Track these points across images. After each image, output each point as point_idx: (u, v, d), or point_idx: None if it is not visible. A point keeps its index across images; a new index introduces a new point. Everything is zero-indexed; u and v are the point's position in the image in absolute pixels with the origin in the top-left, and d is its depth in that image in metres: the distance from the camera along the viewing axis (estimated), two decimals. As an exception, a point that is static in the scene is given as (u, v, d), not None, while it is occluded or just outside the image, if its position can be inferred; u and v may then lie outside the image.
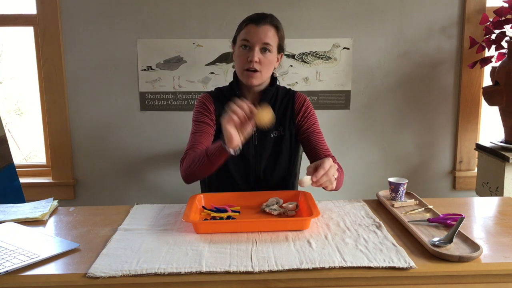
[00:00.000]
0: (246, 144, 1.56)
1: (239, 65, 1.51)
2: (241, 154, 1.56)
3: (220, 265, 0.97)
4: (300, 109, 1.60)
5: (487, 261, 1.00)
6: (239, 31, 1.51)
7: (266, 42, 1.46)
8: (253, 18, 1.49)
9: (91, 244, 1.12)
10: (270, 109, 1.27)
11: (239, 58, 1.50)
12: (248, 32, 1.47)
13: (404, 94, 2.43)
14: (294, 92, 1.64)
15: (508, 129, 2.13)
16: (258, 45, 1.46)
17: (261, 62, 1.47)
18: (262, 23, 1.46)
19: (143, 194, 2.46)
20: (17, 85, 3.18)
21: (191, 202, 1.31)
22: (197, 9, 2.31)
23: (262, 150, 1.57)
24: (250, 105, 1.26)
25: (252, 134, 1.56)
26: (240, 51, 1.49)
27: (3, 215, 1.32)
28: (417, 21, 2.36)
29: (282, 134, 1.59)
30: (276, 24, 1.51)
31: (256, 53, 1.46)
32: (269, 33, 1.47)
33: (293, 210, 1.30)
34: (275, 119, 1.28)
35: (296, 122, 1.60)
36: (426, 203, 1.35)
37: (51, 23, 2.27)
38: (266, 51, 1.47)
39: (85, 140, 2.41)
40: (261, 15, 1.49)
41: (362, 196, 1.59)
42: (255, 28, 1.46)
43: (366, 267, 0.97)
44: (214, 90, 1.66)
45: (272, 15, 1.52)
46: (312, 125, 1.60)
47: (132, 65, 2.35)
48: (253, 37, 1.46)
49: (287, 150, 1.59)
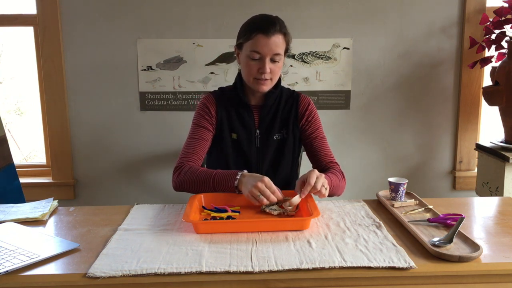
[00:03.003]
0: (248, 146, 1.56)
1: (249, 73, 1.48)
2: (243, 154, 1.56)
3: (220, 265, 0.97)
4: (304, 113, 1.58)
5: (487, 261, 1.00)
6: (247, 39, 1.44)
7: (277, 53, 1.43)
8: (262, 27, 1.42)
9: (91, 244, 1.12)
10: (298, 201, 1.30)
11: (248, 67, 1.47)
12: (258, 43, 1.41)
13: (404, 94, 2.43)
14: (298, 95, 1.62)
15: (508, 129, 2.13)
16: (268, 56, 1.43)
17: (272, 71, 1.46)
18: (272, 32, 1.41)
19: (143, 194, 2.46)
20: (17, 85, 3.19)
21: (191, 202, 1.30)
22: (197, 9, 2.31)
23: (265, 153, 1.57)
24: (279, 196, 1.29)
25: (255, 135, 1.56)
26: (250, 60, 1.45)
27: (3, 215, 1.32)
28: (417, 21, 2.36)
29: (285, 137, 1.57)
30: (284, 30, 1.46)
31: (268, 65, 1.44)
32: (279, 42, 1.43)
33: (293, 210, 1.30)
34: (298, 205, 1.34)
35: (300, 126, 1.59)
36: (426, 203, 1.35)
37: (51, 23, 2.27)
38: (276, 60, 1.45)
39: (85, 140, 2.41)
40: (269, 22, 1.43)
41: (362, 196, 1.59)
42: (265, 40, 1.41)
43: (366, 267, 0.97)
44: (218, 90, 1.63)
45: (278, 19, 1.47)
46: (316, 130, 1.58)
47: (132, 65, 2.35)
48: (263, 49, 1.42)
49: (289, 152, 1.59)
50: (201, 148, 1.51)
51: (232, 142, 1.56)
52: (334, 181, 1.44)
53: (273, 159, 1.58)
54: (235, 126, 1.55)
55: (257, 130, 1.56)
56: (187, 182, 1.41)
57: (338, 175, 1.49)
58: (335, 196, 1.49)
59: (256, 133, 1.56)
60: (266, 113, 1.56)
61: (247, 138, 1.56)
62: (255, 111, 1.57)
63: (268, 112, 1.57)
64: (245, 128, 1.56)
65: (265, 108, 1.56)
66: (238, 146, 1.56)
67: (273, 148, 1.57)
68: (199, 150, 1.50)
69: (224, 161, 1.57)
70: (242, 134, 1.55)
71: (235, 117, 1.56)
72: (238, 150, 1.56)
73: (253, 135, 1.56)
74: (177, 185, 1.44)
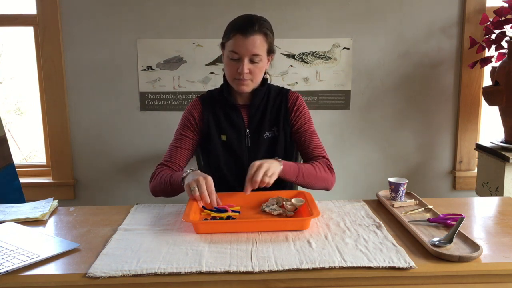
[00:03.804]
0: (239, 146, 1.56)
1: (229, 74, 1.49)
2: (234, 155, 1.56)
3: (220, 265, 0.97)
4: (293, 108, 1.57)
5: (487, 261, 1.00)
6: (227, 39, 1.46)
7: (255, 54, 1.43)
8: (240, 27, 1.42)
9: (91, 244, 1.12)
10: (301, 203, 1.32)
11: (228, 67, 1.48)
12: (236, 43, 1.42)
13: (404, 94, 2.43)
14: (287, 91, 1.62)
15: (508, 129, 2.13)
16: (247, 57, 1.43)
17: (251, 72, 1.46)
18: (250, 32, 1.40)
19: (143, 194, 2.46)
20: (17, 85, 3.19)
21: (191, 202, 1.30)
22: (197, 9, 2.31)
23: (256, 152, 1.56)
24: (213, 200, 1.28)
25: (245, 135, 1.56)
26: (230, 61, 1.46)
27: (3, 215, 1.32)
28: (417, 21, 2.36)
29: (276, 135, 1.57)
30: (264, 30, 1.44)
31: (246, 65, 1.43)
32: (257, 43, 1.42)
33: (292, 210, 1.30)
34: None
35: (289, 121, 1.58)
36: (426, 203, 1.35)
37: (51, 23, 2.27)
38: (256, 61, 1.45)
39: (85, 140, 2.41)
40: (248, 22, 1.43)
41: (362, 196, 1.59)
42: (242, 40, 1.41)
43: (366, 267, 0.97)
44: (207, 92, 1.64)
45: (259, 19, 1.45)
46: (304, 124, 1.57)
47: (132, 65, 2.35)
48: (241, 49, 1.42)
49: (281, 150, 1.58)
50: (179, 157, 1.54)
51: (221, 144, 1.56)
52: (305, 170, 1.42)
53: (264, 157, 1.57)
54: (224, 128, 1.56)
55: (247, 129, 1.56)
56: (156, 187, 1.48)
57: (320, 166, 1.47)
58: (334, 192, 1.48)
59: (246, 132, 1.56)
60: (255, 111, 1.56)
61: (237, 138, 1.56)
62: (243, 111, 1.57)
63: (256, 110, 1.56)
64: (234, 129, 1.56)
65: (253, 107, 1.56)
66: (229, 147, 1.56)
67: (264, 146, 1.56)
68: (177, 159, 1.54)
69: (215, 163, 1.58)
70: (232, 134, 1.56)
71: (224, 119, 1.56)
72: (229, 151, 1.56)
73: (243, 134, 1.56)
74: (151, 191, 1.52)
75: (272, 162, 1.34)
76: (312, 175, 1.44)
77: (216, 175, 1.48)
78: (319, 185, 1.48)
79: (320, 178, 1.46)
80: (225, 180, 1.56)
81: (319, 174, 1.46)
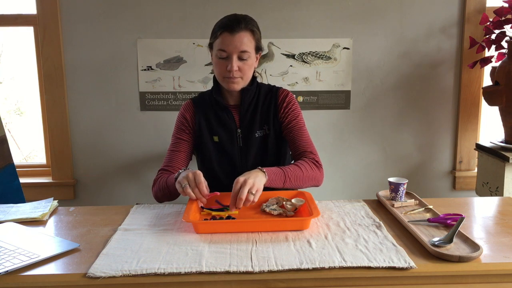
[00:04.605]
0: (231, 147, 1.56)
1: (219, 73, 1.50)
2: (226, 155, 1.56)
3: (220, 265, 0.97)
4: (282, 105, 1.57)
5: (487, 261, 1.00)
6: (215, 38, 1.48)
7: (243, 50, 1.44)
8: (227, 25, 1.44)
9: (91, 244, 1.12)
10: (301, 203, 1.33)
11: (218, 66, 1.49)
12: (223, 41, 1.44)
13: (404, 94, 2.43)
14: (278, 88, 1.62)
15: (508, 129, 2.13)
16: (235, 54, 1.44)
17: (240, 69, 1.47)
18: (236, 30, 1.42)
19: (143, 194, 2.46)
20: (17, 85, 3.19)
21: (191, 202, 1.30)
22: (197, 9, 2.31)
23: (247, 151, 1.56)
24: (203, 190, 1.29)
25: (237, 135, 1.56)
26: (218, 60, 1.47)
27: (3, 215, 1.32)
28: (417, 21, 2.36)
29: (268, 133, 1.57)
30: (251, 28, 1.46)
31: (235, 63, 1.44)
32: (245, 40, 1.44)
33: (291, 210, 1.30)
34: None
35: (279, 118, 1.58)
36: (426, 203, 1.35)
37: (51, 23, 2.27)
38: (244, 58, 1.46)
39: (85, 140, 2.41)
40: (235, 20, 1.45)
41: (362, 196, 1.60)
42: (230, 37, 1.43)
43: (366, 267, 0.97)
44: (198, 95, 1.66)
45: (245, 17, 1.48)
46: (294, 120, 1.56)
47: (132, 65, 2.35)
48: (229, 46, 1.43)
49: (273, 148, 1.57)
50: (178, 160, 1.55)
51: (214, 145, 1.57)
52: (292, 173, 1.40)
53: (257, 157, 1.57)
54: (216, 129, 1.56)
55: (239, 129, 1.56)
56: (158, 192, 1.49)
57: (306, 165, 1.45)
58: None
59: (237, 132, 1.56)
60: (245, 111, 1.56)
61: (229, 139, 1.56)
62: (234, 111, 1.57)
63: (247, 110, 1.57)
64: (226, 129, 1.56)
65: (243, 107, 1.56)
66: (221, 148, 1.56)
67: (256, 145, 1.56)
68: (176, 163, 1.54)
69: (209, 164, 1.58)
70: (224, 135, 1.56)
71: (215, 120, 1.57)
72: (222, 152, 1.57)
73: (235, 135, 1.56)
74: (154, 197, 1.52)
75: (257, 175, 1.29)
76: (299, 177, 1.42)
77: (210, 176, 1.49)
78: (307, 184, 1.47)
79: (307, 177, 1.45)
80: (217, 178, 1.57)
81: (305, 174, 1.44)
